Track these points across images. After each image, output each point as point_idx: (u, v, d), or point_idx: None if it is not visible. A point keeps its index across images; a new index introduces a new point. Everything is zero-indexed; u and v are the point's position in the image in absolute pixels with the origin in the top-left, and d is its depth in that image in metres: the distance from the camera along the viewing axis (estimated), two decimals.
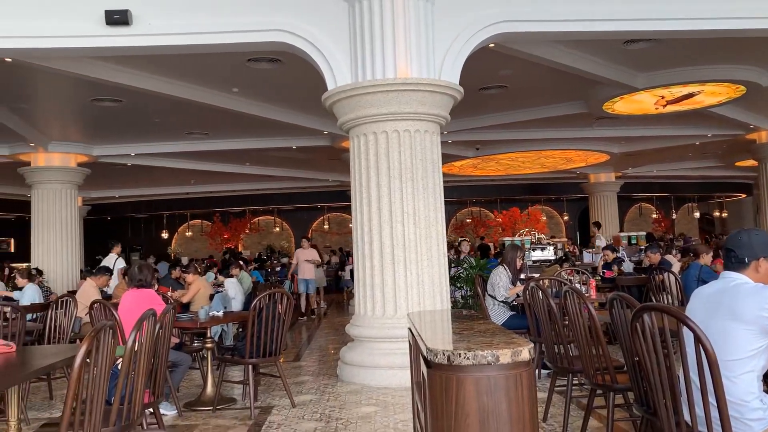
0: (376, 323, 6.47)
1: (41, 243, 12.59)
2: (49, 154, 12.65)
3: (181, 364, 5.44)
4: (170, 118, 11.45)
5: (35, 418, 5.53)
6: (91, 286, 7.89)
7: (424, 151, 6.55)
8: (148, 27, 6.59)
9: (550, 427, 4.71)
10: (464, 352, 2.32)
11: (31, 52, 6.89)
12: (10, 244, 23.17)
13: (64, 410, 2.72)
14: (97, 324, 2.95)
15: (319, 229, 24.78)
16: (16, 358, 3.76)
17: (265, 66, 8.52)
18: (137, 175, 17.21)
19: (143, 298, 4.98)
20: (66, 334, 6.37)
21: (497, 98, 10.83)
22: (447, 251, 6.96)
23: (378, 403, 5.62)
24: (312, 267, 13.50)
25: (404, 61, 6.43)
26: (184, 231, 24.96)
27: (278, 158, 15.63)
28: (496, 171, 19.03)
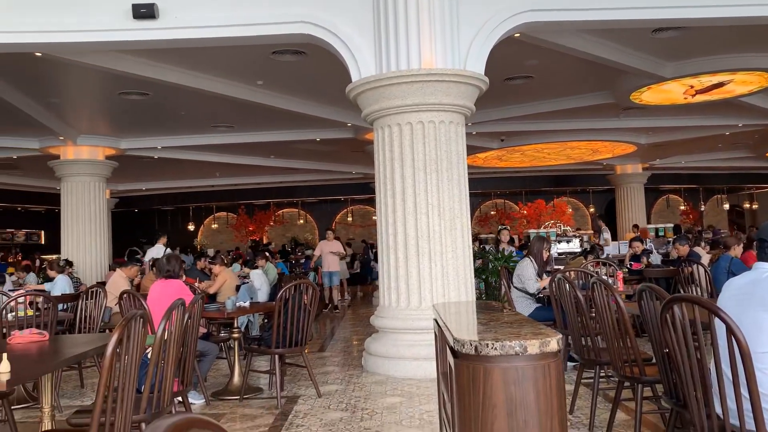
0: (400, 315, 6.48)
1: (71, 235, 12.83)
2: (77, 147, 12.87)
3: (208, 353, 5.51)
4: (196, 112, 11.56)
5: (67, 405, 5.65)
6: (120, 277, 8.02)
7: (449, 142, 6.53)
8: (174, 20, 6.66)
9: (577, 419, 4.68)
10: (492, 342, 2.31)
11: (60, 47, 7.00)
12: (41, 236, 23.64)
13: (97, 397, 2.78)
14: (128, 313, 3.00)
15: (342, 221, 24.85)
16: (49, 347, 3.85)
17: (289, 58, 8.55)
18: (164, 168, 17.42)
19: (171, 289, 5.05)
20: (96, 324, 6.49)
21: (523, 88, 10.74)
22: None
23: (403, 393, 5.63)
24: (336, 259, 13.33)
25: (429, 52, 6.40)
26: (210, 223, 25.22)
27: (302, 151, 15.69)
28: (521, 162, 18.89)
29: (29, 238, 23.40)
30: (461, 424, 2.43)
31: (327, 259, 13.26)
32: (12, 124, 11.43)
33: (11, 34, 6.59)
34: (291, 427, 4.74)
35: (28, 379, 3.74)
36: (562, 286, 5.09)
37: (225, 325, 7.11)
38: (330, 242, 13.53)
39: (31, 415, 5.30)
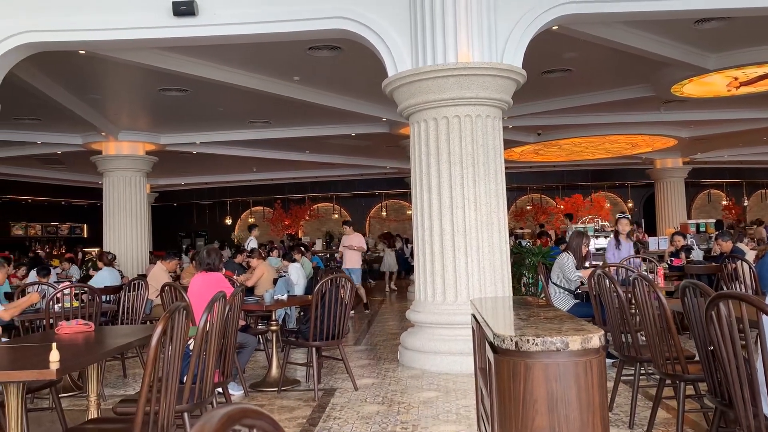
0: (436, 309, 6.48)
1: (112, 228, 13.14)
2: (119, 142, 13.16)
3: (247, 345, 5.59)
4: (234, 107, 11.71)
5: (111, 395, 5.80)
6: (161, 270, 8.19)
7: (486, 136, 6.49)
8: (213, 17, 6.75)
9: (616, 416, 4.63)
10: (533, 338, 2.30)
11: (102, 44, 7.16)
12: (83, 230, 24.24)
13: (142, 387, 2.85)
14: (172, 305, 3.06)
15: (377, 215, 24.91)
16: (95, 337, 3.95)
17: (325, 54, 8.59)
18: (202, 163, 17.70)
19: (212, 282, 5.13)
20: (138, 316, 6.64)
21: (560, 82, 10.60)
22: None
23: (439, 388, 5.64)
24: (355, 255, 11.97)
25: (465, 46, 6.37)
26: (246, 217, 25.53)
27: (337, 145, 15.77)
28: (558, 157, 18.66)
29: (72, 231, 24.02)
30: (501, 419, 2.43)
31: (345, 256, 12.06)
32: (56, 120, 11.75)
33: (56, 32, 6.77)
34: (328, 420, 4.79)
35: (76, 368, 3.85)
36: (602, 281, 5.02)
37: (263, 318, 7.21)
38: (350, 236, 12.17)
39: (76, 404, 5.45)
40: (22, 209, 22.04)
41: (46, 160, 16.14)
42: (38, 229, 22.94)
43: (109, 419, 3.40)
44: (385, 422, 4.68)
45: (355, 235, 12.21)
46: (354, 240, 12.01)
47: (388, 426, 4.59)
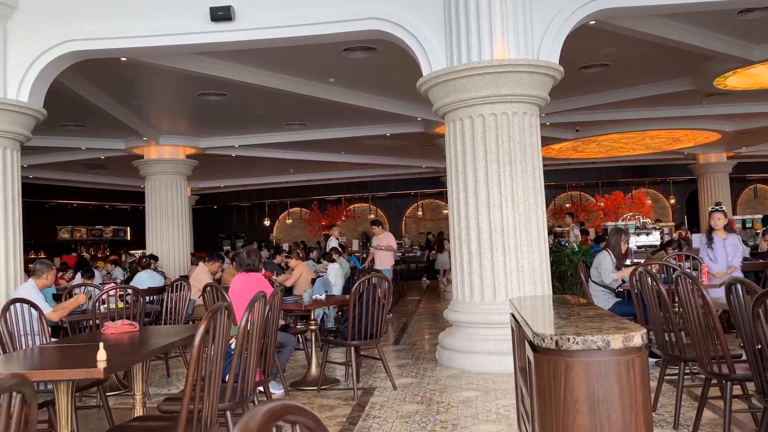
0: (474, 309, 6.45)
1: (155, 231, 13.44)
2: (160, 147, 13.45)
3: (287, 344, 5.66)
4: (271, 110, 11.87)
5: (155, 393, 5.93)
6: (203, 271, 8.35)
7: (523, 133, 6.43)
8: (249, 21, 6.85)
9: (660, 416, 4.54)
10: (573, 336, 2.28)
11: (142, 51, 7.33)
12: (127, 232, 24.84)
13: (186, 385, 2.91)
14: (214, 305, 3.12)
15: (413, 215, 24.90)
16: (140, 337, 4.05)
17: (360, 55, 8.64)
18: (241, 166, 17.98)
19: (252, 282, 5.21)
20: (181, 316, 6.78)
21: (599, 77, 10.44)
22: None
23: (478, 387, 5.61)
24: (387, 255, 11.53)
25: (501, 42, 6.32)
26: (284, 218, 25.81)
27: (373, 146, 15.83)
28: (597, 153, 18.37)
29: (116, 234, 24.64)
30: (541, 419, 2.41)
31: (376, 256, 11.57)
32: (100, 126, 12.07)
33: (98, 40, 6.95)
34: (368, 419, 4.81)
35: (122, 367, 3.96)
36: (644, 279, 4.93)
37: (302, 318, 7.28)
38: (380, 236, 11.68)
39: (122, 402, 5.59)
40: (68, 213, 22.70)
41: (90, 165, 16.59)
42: (83, 233, 23.59)
43: (154, 417, 3.48)
44: (425, 421, 4.68)
45: (384, 234, 11.84)
46: (383, 239, 11.63)
47: (427, 425, 4.59)
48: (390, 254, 11.59)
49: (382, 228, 11.98)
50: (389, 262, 11.46)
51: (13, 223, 6.84)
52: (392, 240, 11.72)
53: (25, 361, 3.44)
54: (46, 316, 5.03)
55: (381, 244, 11.47)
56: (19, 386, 1.34)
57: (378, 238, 11.66)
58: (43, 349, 3.85)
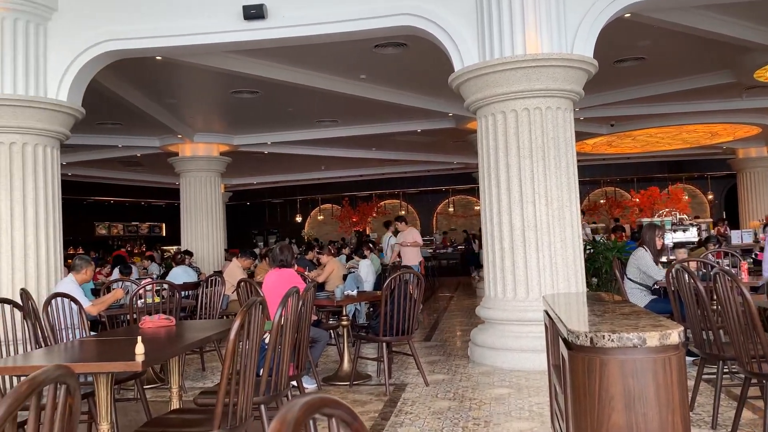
0: (507, 306, 6.41)
1: (189, 227, 13.65)
2: (194, 144, 13.65)
3: (319, 340, 5.70)
4: (302, 107, 11.94)
5: (190, 387, 6.03)
6: (236, 267, 8.47)
7: (556, 128, 6.36)
8: (282, 19, 6.90)
9: (698, 416, 4.46)
10: (608, 334, 2.26)
11: (177, 50, 7.44)
12: (162, 229, 25.29)
13: (222, 379, 2.96)
14: (249, 300, 3.16)
15: (444, 211, 24.82)
16: (176, 331, 4.13)
17: (391, 51, 8.63)
18: (273, 163, 18.14)
19: (285, 277, 5.26)
20: (216, 311, 6.88)
21: (634, 71, 10.26)
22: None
23: (511, 385, 5.58)
24: (413, 251, 11.18)
25: (534, 37, 6.26)
26: (316, 215, 25.98)
27: (404, 142, 15.82)
28: (633, 148, 18.06)
29: (152, 230, 25.10)
30: (576, 416, 2.39)
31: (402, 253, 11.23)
32: (136, 124, 12.30)
33: (134, 40, 7.08)
34: (400, 414, 4.83)
35: (159, 361, 4.04)
36: (680, 276, 4.84)
37: (334, 313, 7.33)
38: (404, 232, 11.35)
39: (159, 395, 5.71)
40: (105, 210, 23.20)
41: (126, 162, 16.92)
42: (120, 229, 24.09)
43: (191, 410, 3.55)
44: (457, 418, 4.68)
45: (409, 230, 11.49)
46: (408, 236, 11.30)
47: (459, 422, 4.58)
48: (416, 250, 11.33)
49: (406, 224, 11.77)
50: (416, 258, 11.20)
51: (53, 220, 7.03)
52: (417, 236, 11.42)
53: (66, 354, 3.53)
54: (86, 310, 5.15)
55: (406, 241, 11.23)
56: (63, 377, 1.38)
57: (403, 234, 11.42)
58: (83, 342, 3.94)
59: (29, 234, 6.74)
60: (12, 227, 6.66)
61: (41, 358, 3.40)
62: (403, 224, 11.56)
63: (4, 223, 6.64)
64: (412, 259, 11.05)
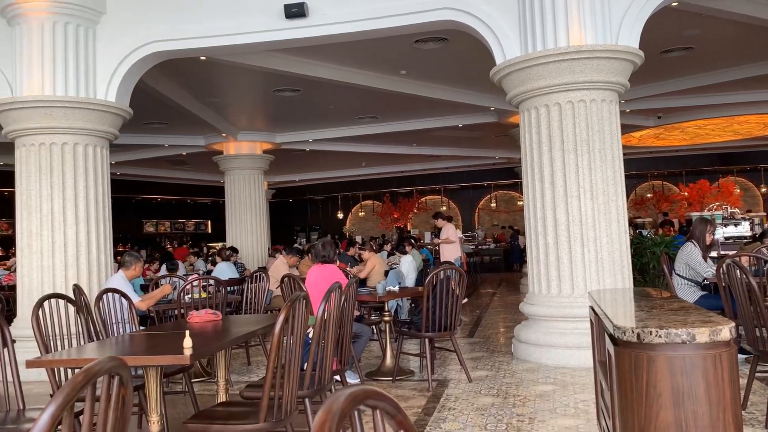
0: (551, 302, 6.33)
1: (234, 224, 13.91)
2: (238, 142, 13.88)
3: (362, 335, 5.73)
4: (343, 105, 12.01)
5: (236, 380, 6.15)
6: (282, 263, 8.60)
7: (601, 121, 6.25)
8: (322, 17, 6.95)
9: (751, 415, 4.33)
10: (656, 330, 2.21)
11: (220, 50, 7.56)
12: (208, 226, 25.79)
13: (267, 372, 3.01)
14: (293, 295, 3.21)
15: (486, 207, 24.63)
16: (222, 326, 4.21)
17: (431, 46, 8.60)
18: (314, 160, 18.30)
19: (327, 273, 5.31)
20: (260, 306, 6.99)
21: (682, 61, 9.98)
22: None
23: (556, 382, 5.52)
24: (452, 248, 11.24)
25: (578, 28, 6.15)
26: (357, 211, 26.11)
27: (445, 137, 15.75)
28: (681, 141, 17.59)
29: (198, 227, 25.63)
30: (622, 413, 2.35)
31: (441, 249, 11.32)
32: (181, 123, 12.57)
33: (179, 41, 7.24)
34: (443, 410, 4.82)
35: (206, 354, 4.13)
36: (732, 271, 4.70)
37: (376, 309, 7.36)
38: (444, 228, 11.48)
39: (206, 389, 5.83)
40: (153, 208, 23.78)
41: (172, 161, 17.31)
42: (167, 226, 24.65)
43: (237, 403, 3.61)
44: (501, 414, 4.65)
45: (445, 226, 11.62)
46: (444, 232, 11.41)
47: (503, 418, 4.55)
48: (454, 246, 11.36)
49: (443, 219, 11.81)
50: (454, 254, 11.23)
51: (103, 218, 7.24)
52: (452, 232, 11.42)
53: (117, 348, 3.63)
54: (135, 305, 5.30)
55: (443, 237, 11.33)
56: (117, 369, 1.43)
57: (443, 230, 11.51)
58: (133, 336, 4.06)
59: (81, 231, 6.96)
60: (65, 225, 6.89)
61: (94, 351, 3.51)
62: (440, 220, 11.70)
63: (57, 221, 6.87)
64: (449, 255, 11.13)
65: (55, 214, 6.87)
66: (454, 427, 4.40)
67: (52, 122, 6.85)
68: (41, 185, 6.87)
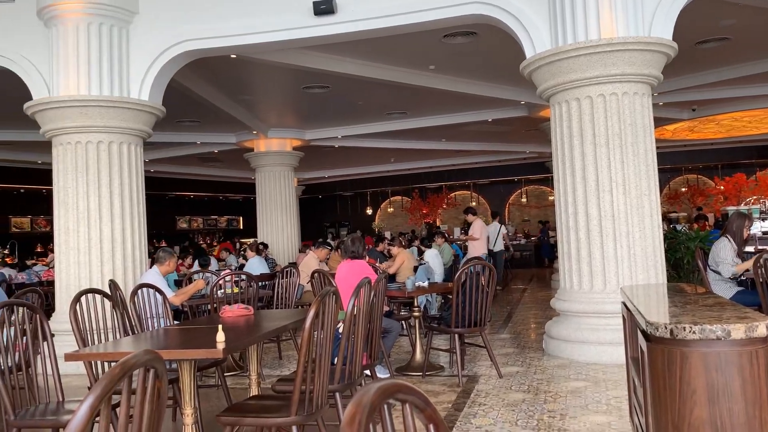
0: (583, 298, 6.27)
1: (265, 220, 14.06)
2: (268, 140, 14.01)
3: (392, 330, 5.75)
4: (372, 101, 12.02)
5: (268, 374, 6.22)
6: (312, 258, 8.66)
7: (634, 114, 6.15)
8: (351, 13, 6.97)
9: None
10: (690, 326, 2.18)
11: (250, 48, 7.63)
12: (239, 222, 26.08)
13: (298, 366, 3.05)
14: (323, 290, 3.23)
15: (516, 202, 24.42)
16: (254, 320, 4.26)
17: (460, 40, 8.56)
18: (343, 156, 18.36)
19: (357, 268, 5.34)
20: (291, 301, 7.06)
21: (717, 52, 9.76)
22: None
23: (588, 378, 5.46)
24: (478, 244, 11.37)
25: (609, 20, 6.06)
26: (386, 207, 26.13)
27: (474, 132, 15.66)
28: (716, 134, 17.21)
29: (230, 223, 25.93)
30: (656, 410, 2.33)
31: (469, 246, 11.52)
32: (213, 121, 12.73)
33: (211, 39, 7.32)
34: (473, 406, 4.82)
35: (239, 349, 4.18)
36: None
37: (405, 304, 7.37)
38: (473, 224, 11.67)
39: (238, 382, 5.92)
40: (186, 204, 24.13)
41: (204, 158, 17.54)
42: (200, 222, 24.99)
43: (269, 396, 3.66)
44: (532, 410, 4.62)
45: (475, 222, 11.74)
46: (472, 228, 11.55)
47: (534, 414, 4.53)
48: (479, 243, 11.43)
49: (473, 215, 11.94)
50: (480, 250, 11.25)
51: (138, 214, 7.38)
52: (478, 229, 11.51)
53: (152, 342, 3.70)
54: (169, 300, 5.40)
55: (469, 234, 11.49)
56: (152, 362, 1.46)
57: (472, 226, 11.68)
58: (168, 330, 4.13)
59: (116, 228, 7.11)
60: (101, 222, 7.04)
61: (129, 345, 3.59)
62: (471, 216, 11.85)
63: (93, 218, 7.02)
64: (477, 251, 11.21)
65: (91, 211, 7.02)
66: (484, 422, 4.39)
67: (88, 121, 7.00)
68: (78, 183, 7.02)
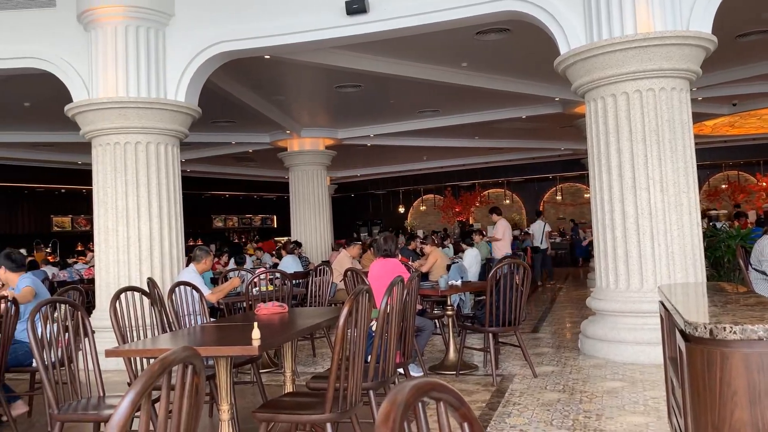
0: (619, 297, 6.17)
1: (298, 219, 14.18)
2: (301, 139, 14.12)
3: (425, 329, 5.75)
4: (403, 99, 12.02)
5: (302, 372, 6.27)
6: (345, 256, 8.71)
7: (671, 110, 6.03)
8: (383, 12, 6.97)
9: None
10: (730, 326, 2.13)
11: (284, 48, 7.69)
12: (273, 221, 26.34)
13: (332, 364, 3.07)
14: (356, 288, 3.25)
15: (551, 200, 24.14)
16: (288, 318, 4.31)
17: (493, 37, 8.50)
18: (376, 155, 18.41)
19: (389, 267, 5.35)
20: (324, 299, 7.11)
21: (759, 45, 9.50)
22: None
23: (625, 378, 5.38)
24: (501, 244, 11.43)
25: (645, 14, 5.95)
26: (418, 205, 26.09)
27: (507, 129, 15.53)
28: (758, 129, 16.77)
29: (264, 222, 26.21)
30: (694, 412, 2.28)
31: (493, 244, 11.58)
32: (247, 121, 12.89)
33: (245, 40, 7.41)
34: (508, 405, 4.79)
35: (274, 346, 4.24)
36: None
37: (438, 303, 7.35)
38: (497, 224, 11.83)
39: (273, 379, 5.98)
40: (221, 203, 24.47)
41: (239, 158, 17.76)
42: (235, 221, 25.32)
43: (304, 393, 3.69)
44: (567, 410, 4.57)
45: (499, 222, 11.86)
46: (495, 229, 11.68)
47: (570, 414, 4.48)
48: (502, 243, 11.51)
49: (497, 215, 12.03)
50: (503, 251, 11.28)
51: (175, 213, 7.51)
52: (501, 229, 11.60)
53: (189, 338, 3.77)
54: (206, 298, 5.48)
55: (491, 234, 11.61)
56: (190, 358, 1.49)
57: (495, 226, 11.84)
58: (204, 327, 4.20)
59: (154, 227, 7.25)
60: (139, 221, 7.19)
61: (167, 341, 3.65)
62: (495, 215, 12.02)
63: (132, 217, 7.17)
64: (500, 251, 11.25)
65: (130, 211, 7.17)
66: (519, 422, 4.36)
67: (126, 122, 7.15)
68: (116, 183, 7.18)
